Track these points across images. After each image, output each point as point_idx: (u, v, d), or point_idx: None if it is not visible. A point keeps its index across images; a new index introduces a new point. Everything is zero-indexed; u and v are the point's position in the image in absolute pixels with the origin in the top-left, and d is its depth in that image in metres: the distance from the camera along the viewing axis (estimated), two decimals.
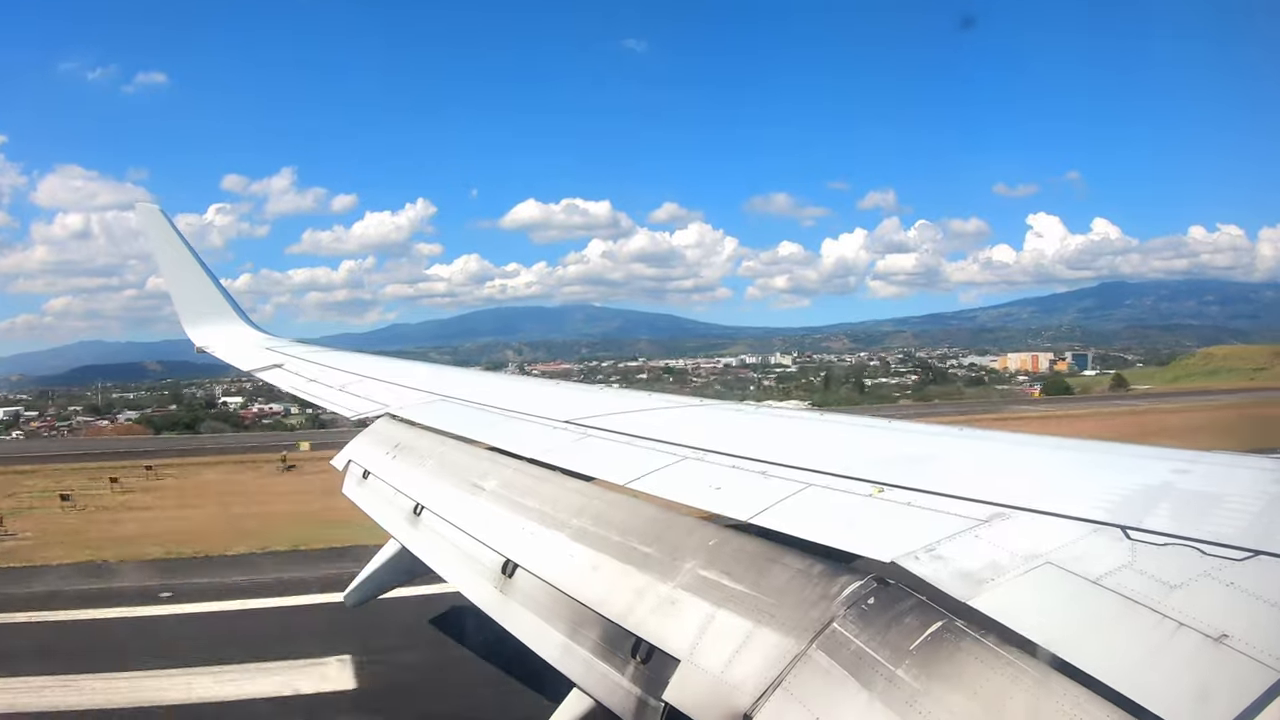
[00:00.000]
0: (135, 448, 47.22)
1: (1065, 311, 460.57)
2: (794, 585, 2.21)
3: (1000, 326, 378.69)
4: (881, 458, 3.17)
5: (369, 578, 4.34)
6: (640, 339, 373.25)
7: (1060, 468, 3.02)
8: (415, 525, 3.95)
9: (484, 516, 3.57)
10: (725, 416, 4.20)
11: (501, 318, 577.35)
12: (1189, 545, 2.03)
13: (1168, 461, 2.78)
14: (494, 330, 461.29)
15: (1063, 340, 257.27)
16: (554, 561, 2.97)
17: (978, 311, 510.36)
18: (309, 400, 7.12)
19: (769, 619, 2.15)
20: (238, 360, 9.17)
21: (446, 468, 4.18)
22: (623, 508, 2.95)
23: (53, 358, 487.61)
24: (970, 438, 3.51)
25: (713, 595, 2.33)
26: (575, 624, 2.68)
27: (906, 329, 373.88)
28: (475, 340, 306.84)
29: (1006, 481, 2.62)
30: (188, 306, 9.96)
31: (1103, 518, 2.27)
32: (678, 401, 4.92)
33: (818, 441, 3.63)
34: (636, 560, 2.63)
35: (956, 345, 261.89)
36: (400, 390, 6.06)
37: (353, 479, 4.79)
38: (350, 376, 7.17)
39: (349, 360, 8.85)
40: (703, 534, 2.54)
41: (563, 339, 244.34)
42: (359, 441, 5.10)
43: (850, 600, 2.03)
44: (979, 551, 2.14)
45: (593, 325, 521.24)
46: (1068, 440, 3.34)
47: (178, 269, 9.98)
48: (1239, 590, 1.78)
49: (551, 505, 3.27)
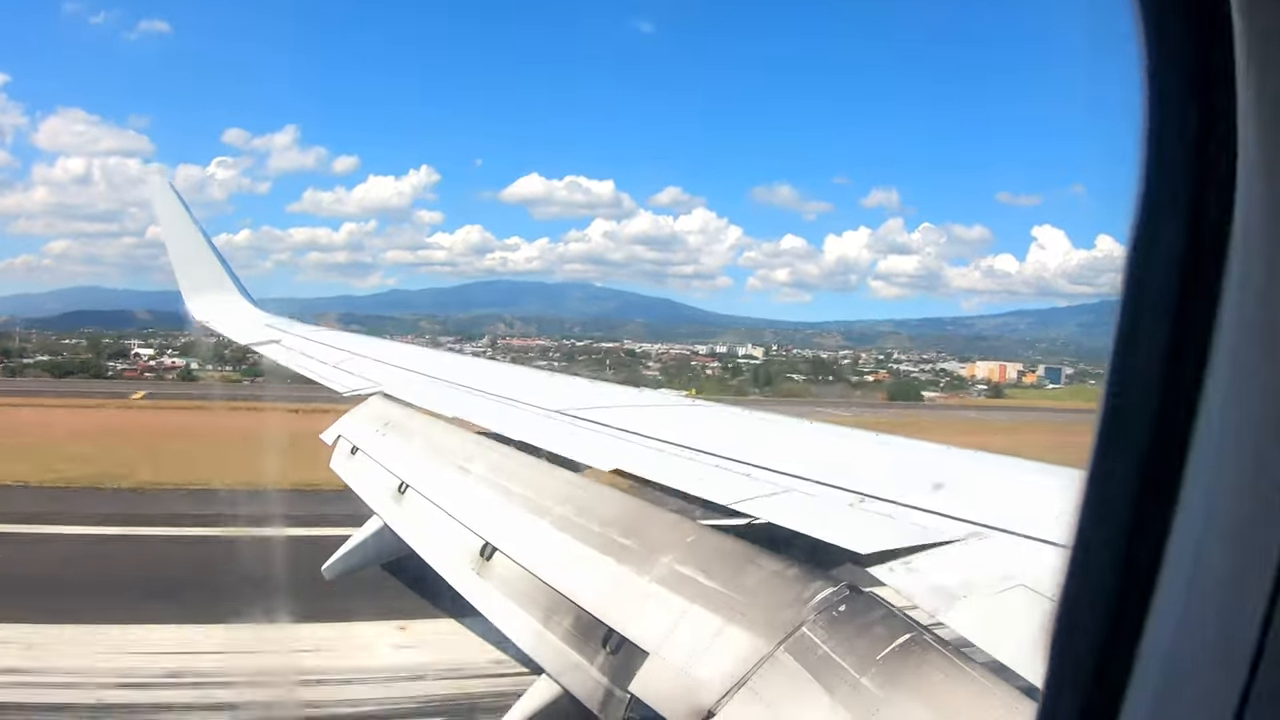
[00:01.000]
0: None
1: (1064, 325, 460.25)
2: (767, 586, 2.21)
3: (996, 335, 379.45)
4: (877, 472, 3.18)
5: (350, 552, 4.35)
6: (633, 321, 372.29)
7: (1039, 492, 3.02)
8: (399, 503, 3.95)
9: (468, 499, 3.57)
10: (704, 414, 4.21)
11: (501, 290, 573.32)
12: None
13: None
14: (493, 303, 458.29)
15: (1055, 354, 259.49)
16: (533, 548, 2.97)
17: (976, 319, 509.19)
18: (304, 375, 7.13)
19: (740, 618, 2.15)
20: (236, 334, 9.19)
21: (434, 448, 4.19)
22: (605, 499, 2.95)
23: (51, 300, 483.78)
24: (954, 457, 3.52)
25: (686, 591, 2.33)
26: (549, 611, 2.69)
27: (903, 331, 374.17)
28: (472, 311, 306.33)
29: (985, 501, 2.63)
30: (190, 279, 9.98)
31: None
32: (662, 399, 4.94)
33: (800, 448, 3.65)
34: (615, 552, 2.63)
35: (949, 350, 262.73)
36: (394, 370, 6.07)
37: (341, 454, 4.79)
38: (345, 354, 7.18)
39: (345, 339, 8.87)
40: (682, 530, 2.54)
41: (559, 316, 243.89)
42: (350, 417, 5.10)
43: (822, 606, 2.03)
44: (954, 568, 2.14)
45: (590, 304, 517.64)
46: (1048, 465, 3.35)
47: (183, 242, 10.00)
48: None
49: (535, 492, 3.28)
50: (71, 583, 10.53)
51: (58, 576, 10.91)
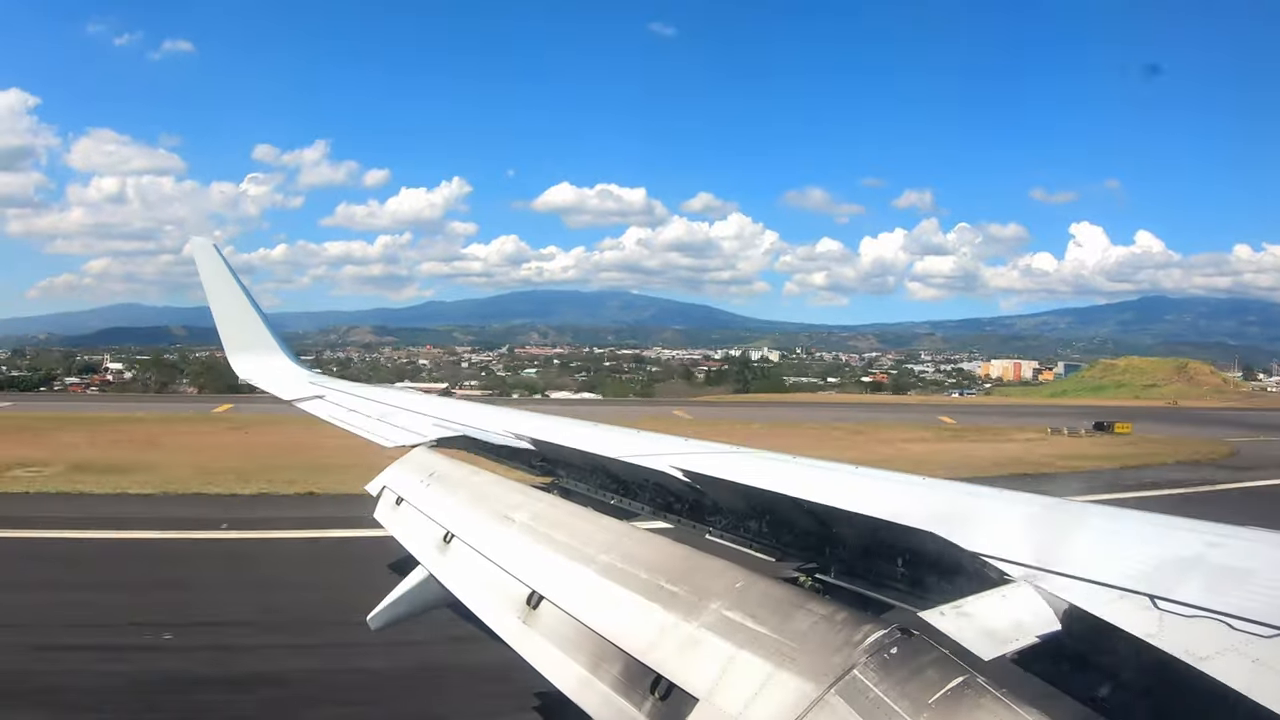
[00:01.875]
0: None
1: (1103, 323, 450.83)
2: (817, 630, 2.25)
3: (1034, 335, 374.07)
4: (925, 512, 3.19)
5: (395, 601, 4.42)
6: (669, 328, 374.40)
7: (1092, 533, 3.01)
8: (444, 553, 4.02)
9: (513, 547, 3.64)
10: (767, 467, 4.20)
11: (537, 300, 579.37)
12: (1217, 618, 2.02)
13: (1202, 534, 2.78)
14: (529, 313, 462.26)
15: (1093, 352, 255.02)
16: (579, 595, 3.03)
17: (1015, 319, 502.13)
18: (348, 429, 7.29)
19: (790, 663, 2.19)
20: (280, 390, 9.47)
21: (478, 498, 4.27)
22: (653, 546, 3.01)
23: (92, 318, 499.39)
24: (1006, 499, 3.53)
25: (736, 637, 2.38)
26: (596, 658, 2.73)
27: (939, 332, 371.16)
28: (508, 322, 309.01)
29: (1037, 543, 2.63)
30: (233, 337, 10.35)
31: (1131, 585, 2.26)
32: (725, 449, 4.99)
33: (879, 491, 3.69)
34: (662, 598, 2.68)
35: (984, 350, 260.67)
36: (438, 422, 6.19)
37: (385, 505, 4.90)
38: (388, 408, 7.35)
39: (388, 394, 9.09)
40: (730, 576, 2.60)
41: (595, 325, 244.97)
42: (394, 469, 5.22)
43: (873, 649, 2.06)
44: (1006, 611, 2.14)
45: (626, 312, 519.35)
46: (1100, 507, 3.33)
47: (227, 303, 10.40)
48: (1264, 666, 1.78)
49: (581, 540, 3.34)
50: None
51: None
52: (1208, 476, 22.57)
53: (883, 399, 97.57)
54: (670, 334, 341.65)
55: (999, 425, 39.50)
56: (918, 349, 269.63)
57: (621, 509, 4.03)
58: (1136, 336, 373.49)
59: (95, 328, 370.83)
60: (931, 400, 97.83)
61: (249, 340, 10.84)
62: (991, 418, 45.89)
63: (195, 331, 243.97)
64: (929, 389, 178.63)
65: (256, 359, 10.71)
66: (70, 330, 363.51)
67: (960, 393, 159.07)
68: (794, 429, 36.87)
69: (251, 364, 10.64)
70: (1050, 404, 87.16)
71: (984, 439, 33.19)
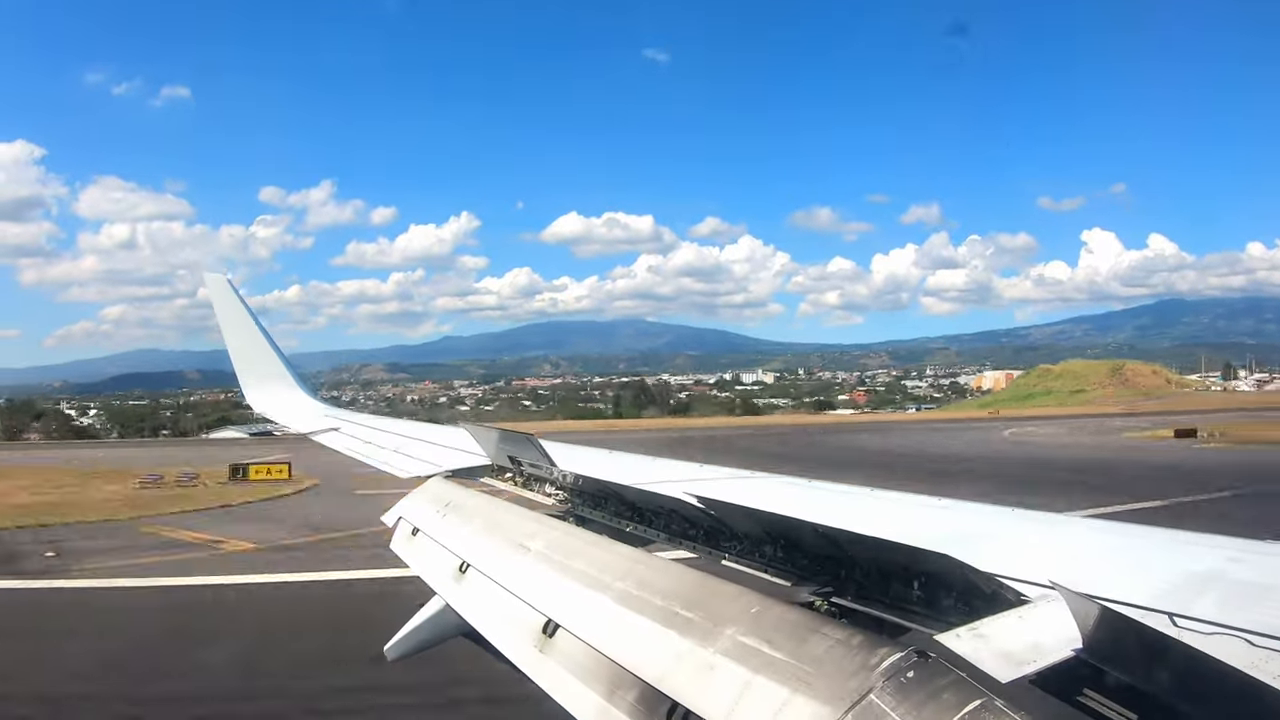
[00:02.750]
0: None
1: (1121, 329, 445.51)
2: (833, 655, 2.25)
3: (1051, 344, 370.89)
4: (941, 534, 3.19)
5: (412, 631, 4.42)
6: (681, 354, 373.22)
7: (1109, 551, 3.00)
8: (460, 583, 4.02)
9: (529, 576, 3.65)
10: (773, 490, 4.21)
11: (552, 331, 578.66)
12: (1236, 635, 2.00)
13: (1221, 549, 2.75)
14: (544, 345, 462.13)
15: (1107, 359, 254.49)
16: (596, 623, 3.03)
17: (1031, 329, 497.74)
18: (363, 460, 7.33)
19: (806, 687, 2.19)
20: (295, 423, 9.53)
21: (493, 527, 4.28)
22: (668, 573, 3.02)
23: (109, 364, 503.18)
24: (1021, 518, 3.52)
25: (751, 662, 2.38)
26: (613, 685, 2.73)
27: (955, 346, 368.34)
28: (523, 354, 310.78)
29: (1053, 563, 2.62)
30: (248, 371, 10.45)
31: (1150, 603, 2.25)
32: (740, 474, 5.00)
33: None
34: (678, 625, 2.69)
35: (998, 363, 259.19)
36: (452, 452, 6.23)
37: (401, 536, 4.92)
38: (404, 439, 7.39)
39: (403, 425, 9.14)
40: (745, 601, 2.60)
41: (609, 354, 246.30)
42: (410, 500, 5.24)
43: (889, 672, 2.06)
44: (1023, 632, 2.14)
45: (642, 340, 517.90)
46: (1116, 524, 3.31)
47: (241, 338, 10.52)
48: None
49: (596, 568, 3.35)
50: None
51: None
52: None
53: (782, 420, 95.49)
54: (682, 359, 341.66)
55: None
56: (927, 364, 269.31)
57: (637, 536, 4.03)
58: (1154, 341, 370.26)
59: (111, 374, 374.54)
60: (848, 419, 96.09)
61: (264, 374, 10.86)
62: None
63: (209, 375, 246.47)
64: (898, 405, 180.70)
65: (271, 392, 10.77)
66: (88, 377, 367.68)
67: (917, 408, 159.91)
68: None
69: (266, 397, 10.70)
70: (944, 418, 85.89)
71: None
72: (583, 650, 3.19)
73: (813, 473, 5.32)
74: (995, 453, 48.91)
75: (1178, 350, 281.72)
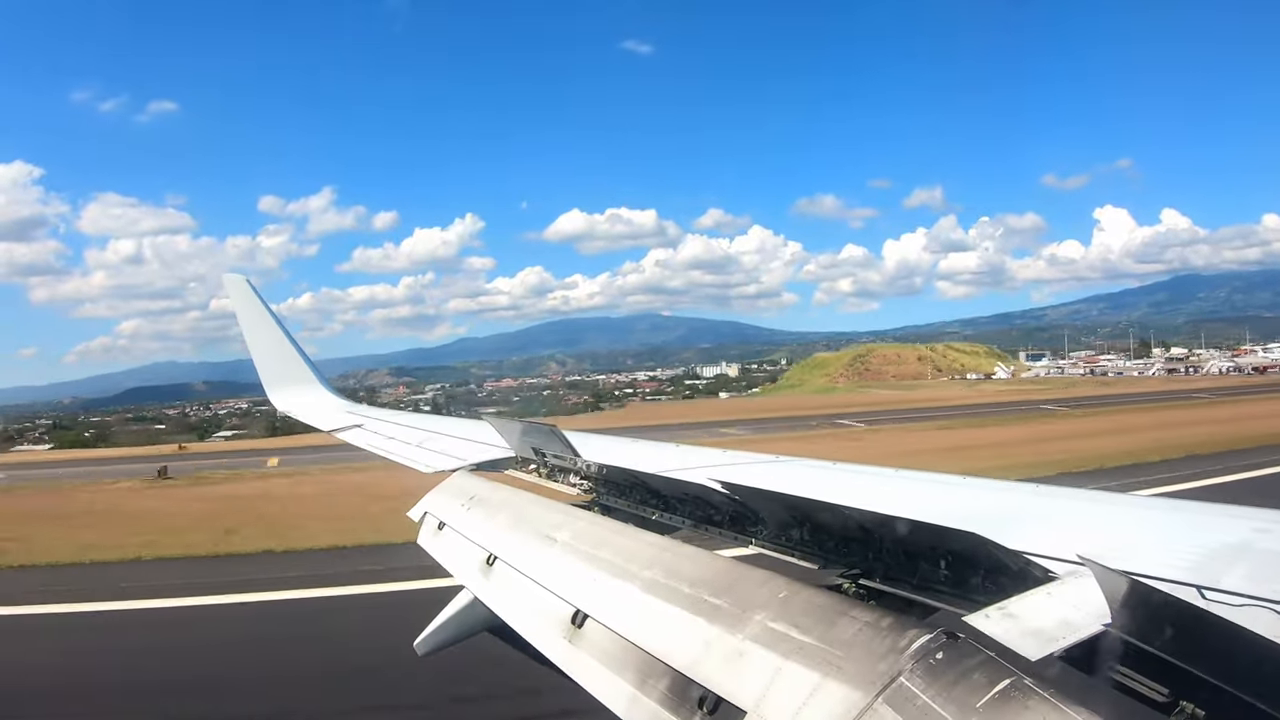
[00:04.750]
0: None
1: (1136, 307, 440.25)
2: (862, 638, 2.25)
3: (1066, 324, 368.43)
4: (967, 512, 3.18)
5: (441, 626, 4.46)
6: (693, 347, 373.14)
7: (1135, 525, 2.98)
8: (488, 576, 4.05)
9: (556, 567, 3.67)
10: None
11: (567, 329, 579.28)
12: (1265, 606, 1.99)
13: (1248, 520, 2.73)
14: (558, 343, 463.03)
15: (1120, 337, 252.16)
16: (624, 612, 3.05)
17: (1046, 310, 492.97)
18: (387, 456, 7.39)
19: (836, 671, 2.19)
20: (318, 421, 9.59)
21: (519, 519, 4.31)
22: (695, 560, 3.03)
23: (127, 378, 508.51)
24: (1047, 495, 3.50)
25: (781, 647, 2.38)
26: (643, 674, 2.75)
27: (970, 329, 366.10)
28: (534, 353, 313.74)
29: (1081, 538, 2.61)
30: (271, 372, 10.51)
31: (1178, 576, 2.24)
32: (763, 459, 5.03)
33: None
34: (706, 612, 2.70)
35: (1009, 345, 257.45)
36: (475, 446, 6.27)
37: (428, 530, 4.96)
38: (426, 434, 7.43)
39: (425, 420, 9.18)
40: (773, 586, 2.61)
41: (621, 349, 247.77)
42: (435, 494, 5.28)
43: (919, 654, 2.06)
44: (1052, 610, 2.13)
45: (656, 334, 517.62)
46: (1140, 498, 3.29)
47: (262, 338, 10.59)
48: None
49: (624, 557, 3.37)
50: None
51: None
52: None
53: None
54: (690, 353, 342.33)
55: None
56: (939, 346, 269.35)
57: (662, 524, 4.04)
58: (1169, 317, 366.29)
59: (128, 388, 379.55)
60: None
61: (286, 374, 10.93)
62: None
63: (215, 386, 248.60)
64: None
65: (294, 392, 10.86)
66: (105, 391, 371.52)
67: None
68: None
69: (289, 397, 10.79)
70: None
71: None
72: (612, 640, 3.21)
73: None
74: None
75: (1187, 326, 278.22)
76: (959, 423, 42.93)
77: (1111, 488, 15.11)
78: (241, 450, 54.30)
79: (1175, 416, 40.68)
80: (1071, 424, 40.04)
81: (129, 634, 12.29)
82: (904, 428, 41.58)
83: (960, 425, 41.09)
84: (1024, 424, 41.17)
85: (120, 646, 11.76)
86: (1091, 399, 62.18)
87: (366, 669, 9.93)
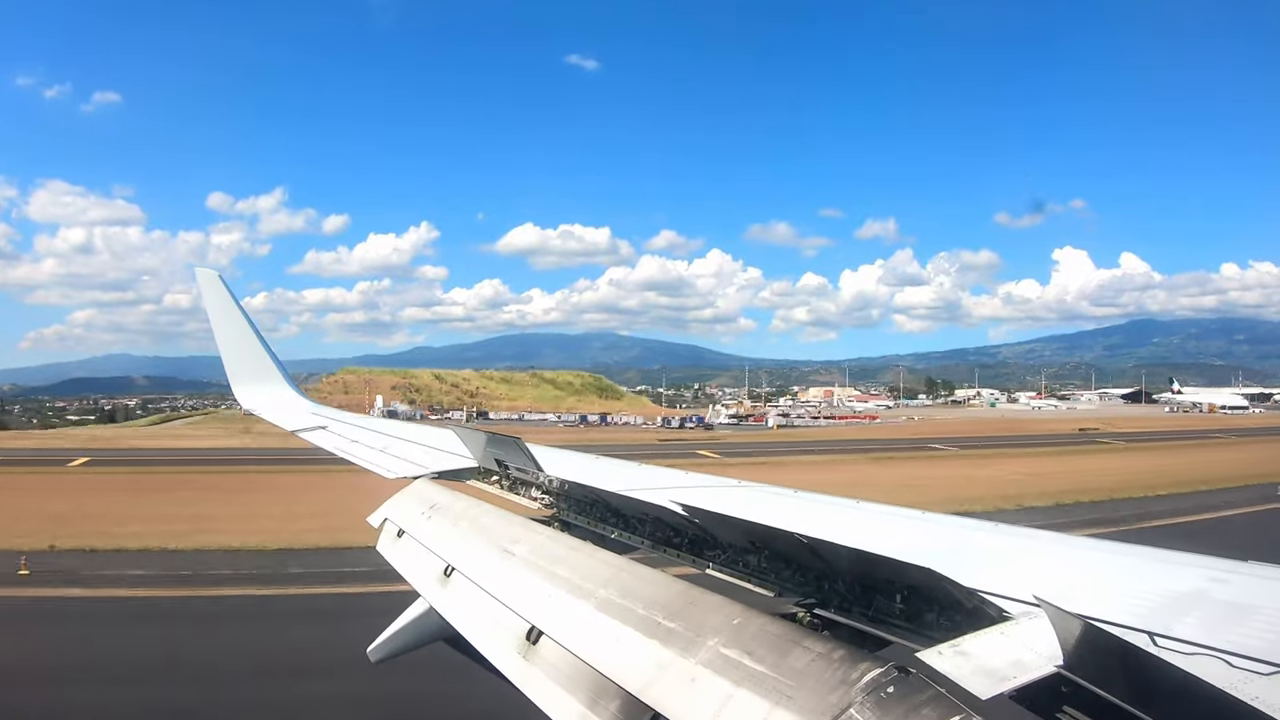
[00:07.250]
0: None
1: (1090, 349, 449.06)
2: (814, 669, 2.24)
3: (1020, 363, 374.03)
4: (925, 548, 3.20)
5: (396, 634, 4.41)
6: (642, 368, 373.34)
7: (1092, 568, 3.01)
8: (445, 586, 4.01)
9: (513, 582, 3.64)
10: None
11: (523, 343, 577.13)
12: (1217, 656, 2.01)
13: (1203, 569, 2.76)
14: (514, 356, 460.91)
15: (1069, 379, 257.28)
16: (578, 631, 3.02)
17: (1000, 348, 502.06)
18: (350, 460, 7.31)
19: (787, 701, 2.18)
20: (283, 421, 9.51)
21: (479, 531, 4.28)
22: (651, 582, 3.01)
23: (80, 368, 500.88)
24: (1007, 534, 3.54)
25: (733, 674, 2.37)
26: (595, 695, 2.72)
27: (923, 364, 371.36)
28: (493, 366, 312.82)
29: (1037, 579, 2.63)
30: (238, 369, 10.40)
31: (1132, 622, 2.26)
32: (726, 483, 5.03)
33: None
34: (660, 635, 2.68)
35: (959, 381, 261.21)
36: (439, 454, 6.22)
37: (387, 537, 4.90)
38: (390, 439, 7.37)
39: (390, 425, 9.12)
40: (728, 612, 2.60)
41: (575, 368, 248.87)
42: (395, 501, 5.23)
43: (869, 687, 2.06)
44: (1005, 649, 2.14)
45: (612, 354, 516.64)
46: (1100, 541, 3.33)
47: (231, 334, 10.48)
48: (1263, 704, 1.77)
49: (580, 575, 3.34)
50: None
51: None
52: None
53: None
54: (632, 374, 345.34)
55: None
56: (883, 380, 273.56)
57: (621, 543, 4.02)
58: (1120, 361, 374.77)
59: (75, 377, 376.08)
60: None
61: (253, 371, 10.65)
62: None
63: (157, 381, 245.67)
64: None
65: (260, 390, 10.67)
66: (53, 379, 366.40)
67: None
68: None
69: (255, 395, 10.62)
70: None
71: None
72: (566, 658, 3.19)
73: None
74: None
75: (1133, 370, 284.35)
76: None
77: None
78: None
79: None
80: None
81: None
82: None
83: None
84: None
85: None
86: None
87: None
